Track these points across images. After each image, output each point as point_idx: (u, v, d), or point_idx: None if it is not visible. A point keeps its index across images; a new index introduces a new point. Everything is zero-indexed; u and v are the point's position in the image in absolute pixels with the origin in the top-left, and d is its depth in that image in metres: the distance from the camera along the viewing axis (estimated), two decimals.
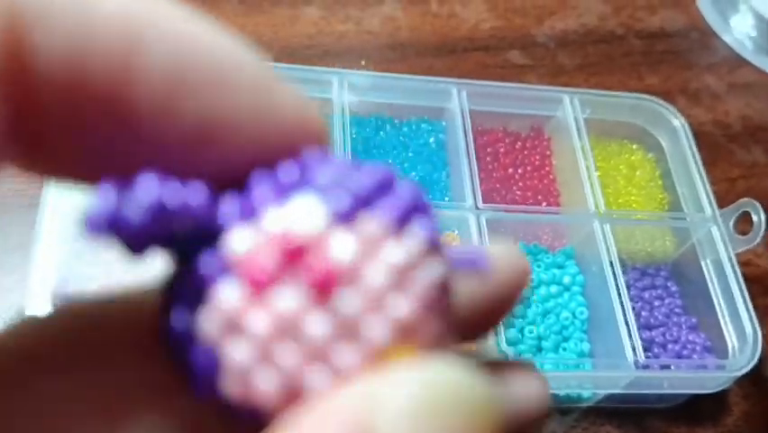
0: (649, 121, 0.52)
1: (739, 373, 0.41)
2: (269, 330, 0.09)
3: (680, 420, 0.46)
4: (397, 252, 0.10)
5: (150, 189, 0.10)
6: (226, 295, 0.10)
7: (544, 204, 0.48)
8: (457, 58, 0.58)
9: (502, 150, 0.50)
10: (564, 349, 0.44)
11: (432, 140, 0.49)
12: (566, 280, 0.46)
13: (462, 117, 0.48)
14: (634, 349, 0.41)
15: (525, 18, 0.62)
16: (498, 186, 0.49)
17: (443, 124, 0.50)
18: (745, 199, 0.46)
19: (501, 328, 0.40)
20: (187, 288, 0.10)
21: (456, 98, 0.48)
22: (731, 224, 0.46)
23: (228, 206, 0.10)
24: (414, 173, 0.48)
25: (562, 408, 0.45)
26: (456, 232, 0.46)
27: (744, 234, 0.46)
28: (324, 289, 0.09)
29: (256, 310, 0.09)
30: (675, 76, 0.61)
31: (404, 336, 0.10)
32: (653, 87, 0.59)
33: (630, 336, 0.41)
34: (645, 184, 0.51)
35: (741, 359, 0.42)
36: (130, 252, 0.10)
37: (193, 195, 0.10)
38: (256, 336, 0.09)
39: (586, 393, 0.44)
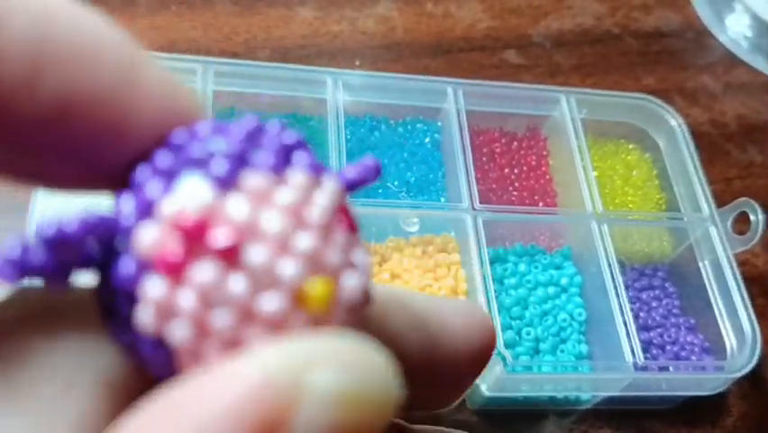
0: (646, 121, 0.52)
1: (738, 375, 0.41)
2: (198, 305, 0.10)
3: (678, 422, 0.45)
4: (284, 193, 0.10)
5: (45, 228, 0.10)
6: (151, 290, 0.10)
7: (541, 204, 0.48)
8: (452, 58, 0.58)
9: (498, 150, 0.50)
10: (562, 351, 0.44)
11: (427, 140, 0.49)
12: (564, 281, 0.46)
13: (458, 117, 0.47)
14: (632, 351, 0.41)
15: (520, 18, 0.61)
16: (494, 186, 0.48)
17: (439, 124, 0.50)
18: (743, 199, 0.46)
19: (499, 331, 0.40)
20: (116, 297, 0.11)
21: (452, 98, 0.48)
22: (729, 224, 0.46)
23: (124, 203, 0.11)
24: (409, 174, 0.47)
25: (560, 410, 0.44)
26: (452, 234, 0.46)
27: (741, 234, 0.46)
28: (232, 252, 0.10)
29: (181, 292, 0.10)
30: (671, 76, 0.61)
31: (315, 267, 0.10)
32: (649, 86, 0.59)
33: (629, 337, 0.41)
34: (642, 184, 0.50)
35: (740, 360, 0.42)
36: (52, 285, 0.10)
37: (88, 216, 0.10)
38: (189, 314, 0.10)
39: (584, 396, 0.43)
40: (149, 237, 0.10)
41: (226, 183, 0.10)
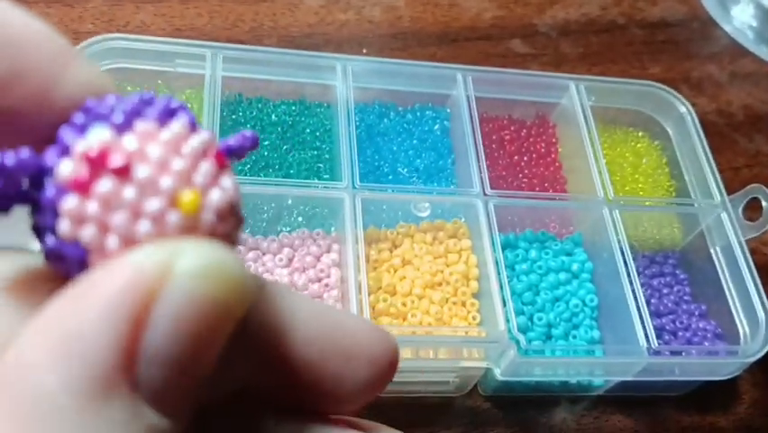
0: (655, 108, 0.51)
1: (752, 359, 0.41)
2: (101, 210, 0.13)
3: (690, 409, 0.45)
4: (165, 132, 0.14)
5: None
6: (67, 204, 0.13)
7: (551, 191, 0.48)
8: (459, 47, 0.58)
9: (507, 137, 0.50)
10: (575, 337, 0.44)
11: (436, 127, 0.49)
12: (575, 267, 0.45)
13: (468, 103, 0.47)
14: (646, 335, 0.40)
15: (526, 7, 0.61)
16: (504, 173, 0.48)
17: (448, 110, 0.49)
18: (755, 185, 0.46)
19: (512, 315, 0.40)
20: (43, 216, 0.14)
21: (461, 84, 0.48)
22: (740, 210, 0.46)
23: (50, 153, 0.14)
24: (419, 161, 0.47)
25: (572, 396, 0.44)
26: (463, 219, 0.45)
27: (751, 220, 0.46)
28: (125, 170, 0.13)
29: (89, 202, 0.13)
30: (677, 65, 0.61)
31: (187, 183, 0.14)
32: (655, 76, 0.58)
33: (642, 322, 0.41)
34: (653, 172, 0.50)
35: (753, 345, 0.41)
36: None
37: (23, 153, 0.14)
38: (95, 218, 0.13)
39: (597, 381, 0.43)
40: (64, 167, 0.14)
41: (123, 128, 0.14)
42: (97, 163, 0.13)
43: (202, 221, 0.14)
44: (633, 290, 0.42)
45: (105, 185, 0.13)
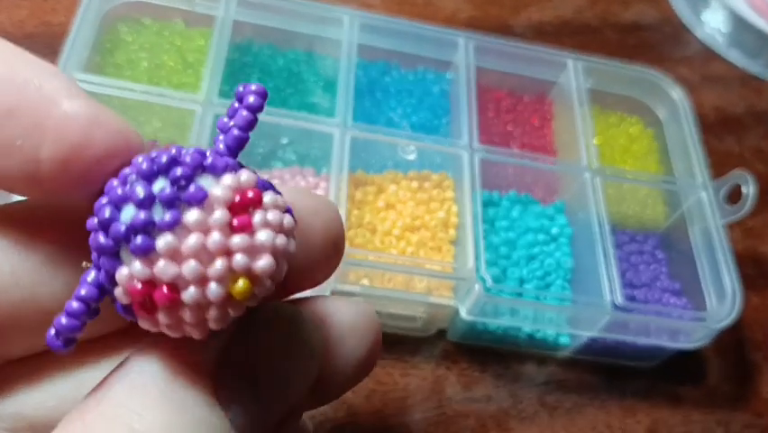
0: (649, 95, 0.53)
1: (719, 325, 0.41)
2: (171, 322, 0.15)
3: (658, 380, 0.46)
4: (190, 240, 0.14)
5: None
6: (142, 323, 0.15)
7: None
8: None
9: (504, 108, 0.52)
10: (545, 298, 0.45)
11: (436, 90, 0.51)
12: (554, 230, 0.47)
13: (468, 71, 0.49)
14: (611, 292, 0.41)
15: (501, 9, 0.63)
16: (496, 140, 0.50)
17: (448, 77, 0.51)
18: (738, 171, 0.47)
19: (482, 260, 0.41)
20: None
21: (463, 50, 0.50)
22: (722, 193, 0.47)
23: (100, 275, 0.15)
24: (415, 118, 0.49)
25: (539, 354, 0.45)
26: (450, 174, 0.47)
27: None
28: (175, 299, 0.15)
29: (158, 318, 0.15)
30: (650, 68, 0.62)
31: (229, 273, 0.15)
32: None
33: (609, 280, 0.42)
34: (642, 156, 0.52)
35: (720, 312, 0.42)
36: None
37: (83, 291, 0.15)
38: (169, 327, 0.15)
39: (563, 338, 0.44)
40: (122, 298, 0.15)
41: (147, 252, 0.14)
42: (147, 304, 0.14)
43: (257, 291, 0.15)
44: (604, 252, 0.43)
45: (163, 317, 0.15)
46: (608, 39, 0.63)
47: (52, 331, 0.15)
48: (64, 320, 0.15)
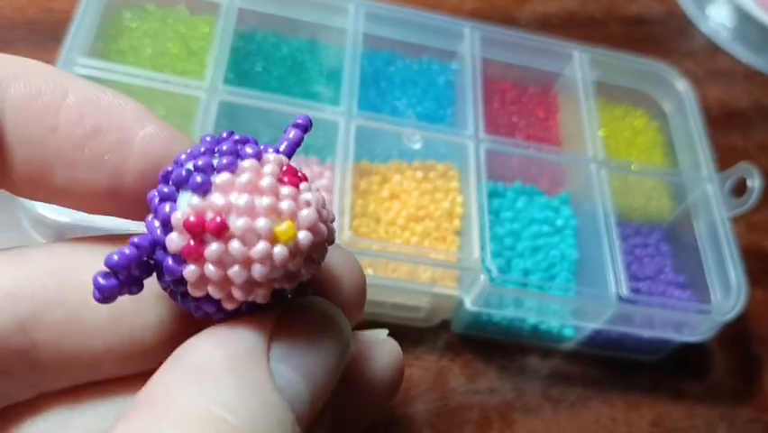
0: (655, 87, 0.53)
1: (724, 318, 0.41)
2: (217, 268, 0.16)
3: (662, 375, 0.45)
4: (242, 177, 0.16)
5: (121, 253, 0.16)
6: (189, 274, 0.16)
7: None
8: None
9: (509, 99, 0.51)
10: (550, 288, 0.44)
11: (441, 80, 0.50)
12: (559, 222, 0.46)
13: (473, 60, 0.49)
14: (617, 283, 0.41)
15: (506, 0, 0.63)
16: (502, 131, 0.49)
17: (454, 67, 0.51)
18: (744, 164, 0.46)
19: (488, 251, 0.41)
20: (171, 282, 0.17)
21: (468, 40, 0.49)
22: (727, 185, 0.47)
23: (151, 225, 0.16)
24: (420, 108, 0.49)
25: (543, 347, 0.45)
26: (455, 164, 0.46)
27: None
28: (223, 228, 0.16)
29: (206, 266, 0.16)
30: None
31: (275, 214, 0.16)
32: None
33: (614, 272, 0.42)
34: (647, 149, 0.51)
35: (725, 305, 0.42)
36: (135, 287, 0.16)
37: (136, 240, 0.16)
38: (216, 277, 0.16)
39: (568, 330, 0.44)
40: (172, 243, 0.16)
41: (205, 188, 0.16)
42: (198, 230, 0.16)
43: (301, 241, 0.16)
44: (609, 244, 0.43)
45: (212, 249, 0.16)
46: (612, 32, 0.63)
47: (101, 274, 0.16)
48: (116, 257, 0.15)
